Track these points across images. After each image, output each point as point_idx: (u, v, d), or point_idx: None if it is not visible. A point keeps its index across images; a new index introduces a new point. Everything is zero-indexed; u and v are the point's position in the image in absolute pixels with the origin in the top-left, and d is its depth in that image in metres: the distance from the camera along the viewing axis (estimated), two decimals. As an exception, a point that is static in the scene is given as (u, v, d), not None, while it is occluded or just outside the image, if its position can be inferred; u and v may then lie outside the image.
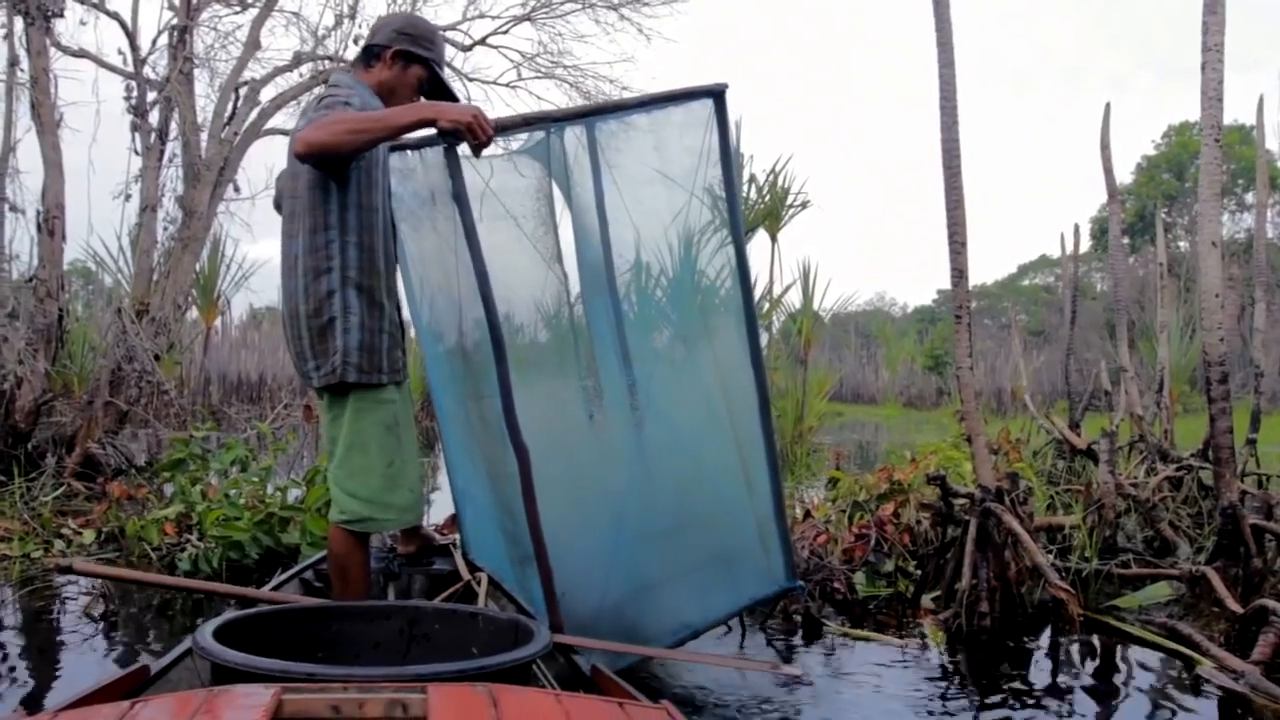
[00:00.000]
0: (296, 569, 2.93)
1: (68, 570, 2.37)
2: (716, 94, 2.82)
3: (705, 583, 2.92)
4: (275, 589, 2.64)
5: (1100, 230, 29.99)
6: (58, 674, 3.01)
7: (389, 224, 2.67)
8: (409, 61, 2.66)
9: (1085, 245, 30.36)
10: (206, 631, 1.72)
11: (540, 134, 2.83)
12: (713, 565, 2.94)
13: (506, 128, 2.50)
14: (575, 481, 2.79)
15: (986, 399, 21.74)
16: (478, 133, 2.32)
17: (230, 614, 1.92)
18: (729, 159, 2.86)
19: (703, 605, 2.91)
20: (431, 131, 2.40)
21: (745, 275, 2.93)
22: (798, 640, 3.41)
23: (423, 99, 2.73)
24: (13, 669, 3.05)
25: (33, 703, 2.65)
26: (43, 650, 3.27)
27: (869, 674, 3.05)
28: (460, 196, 2.39)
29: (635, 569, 2.75)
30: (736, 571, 3.01)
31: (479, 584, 2.72)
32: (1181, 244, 29.66)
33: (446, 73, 2.90)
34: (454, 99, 2.77)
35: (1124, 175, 35.82)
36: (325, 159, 2.37)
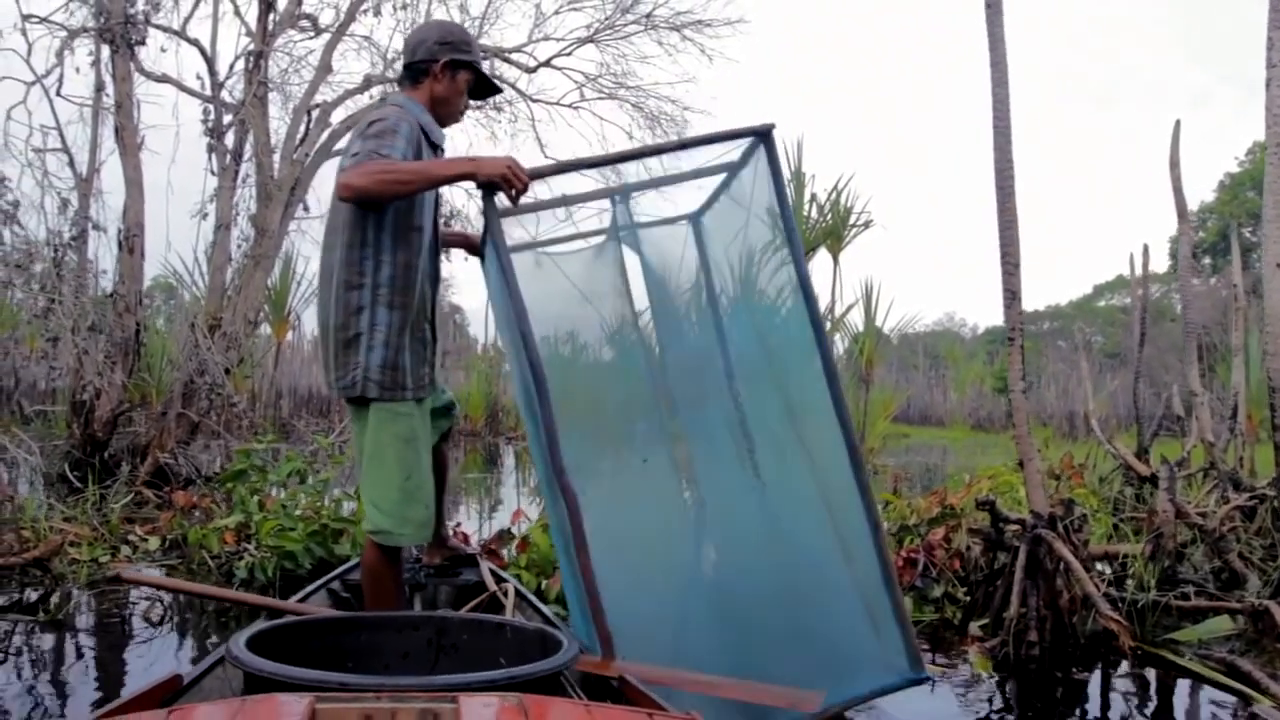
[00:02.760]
0: (324, 580, 2.99)
1: (116, 580, 2.45)
2: (763, 134, 2.60)
3: (805, 668, 2.46)
4: (303, 600, 2.70)
5: (1177, 250, 29.01)
6: (115, 674, 3.13)
7: (434, 243, 2.71)
8: (457, 69, 2.73)
9: (1164, 265, 29.42)
10: (239, 641, 1.76)
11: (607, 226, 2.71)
12: (812, 647, 2.51)
13: (540, 175, 2.49)
14: (647, 549, 2.59)
15: (1058, 422, 21.19)
16: (513, 182, 2.39)
17: (262, 624, 1.96)
18: (785, 202, 2.62)
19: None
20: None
21: (816, 319, 2.63)
22: None
23: (469, 99, 2.83)
24: (75, 668, 3.17)
25: (80, 706, 2.74)
26: (106, 651, 3.39)
27: (911, 701, 2.98)
28: (497, 244, 2.38)
29: (715, 648, 2.45)
30: (843, 656, 2.56)
31: (505, 594, 2.74)
32: (1268, 264, 28.50)
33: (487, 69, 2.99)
34: (498, 90, 2.93)
35: (1206, 193, 34.67)
36: (365, 202, 2.47)
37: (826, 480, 2.61)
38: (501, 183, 2.39)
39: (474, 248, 3.01)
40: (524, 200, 2.49)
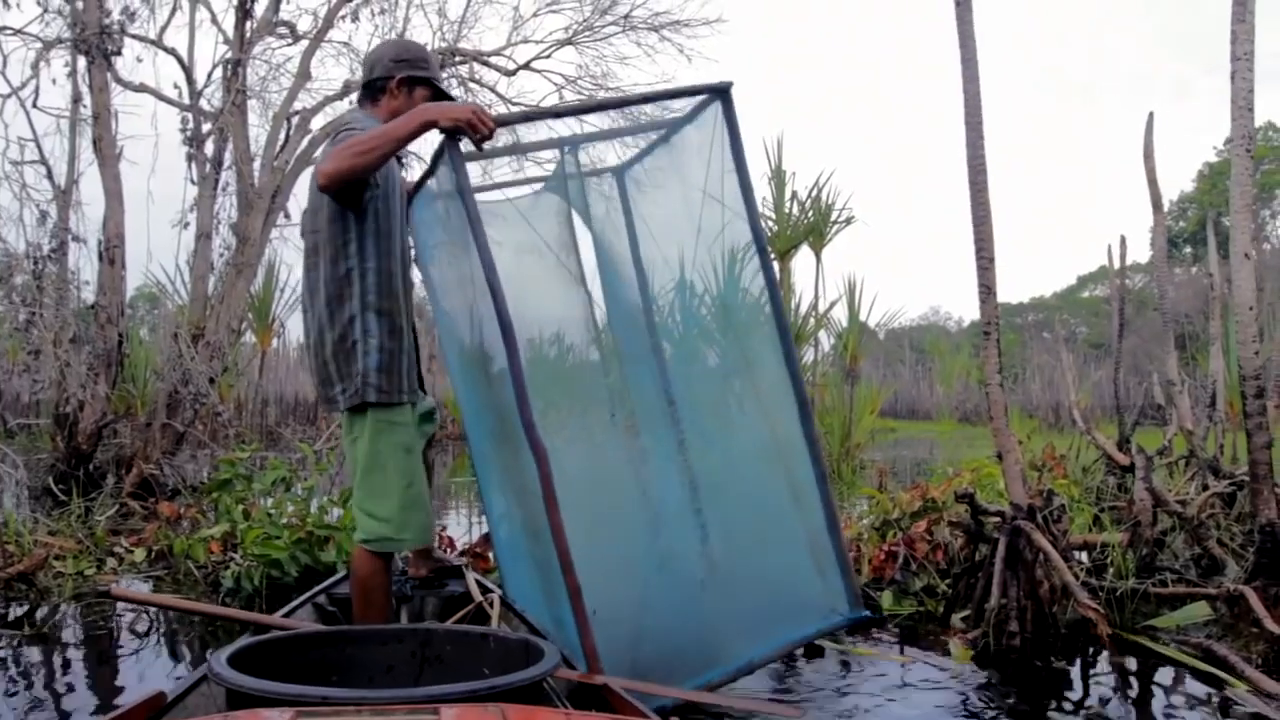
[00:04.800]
0: (309, 594, 2.99)
1: (106, 596, 2.47)
2: (722, 91, 2.71)
3: (757, 612, 2.73)
4: (288, 614, 2.71)
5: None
6: (103, 688, 3.13)
7: (407, 249, 2.78)
8: (413, 85, 2.78)
9: (1145, 255, 29.59)
10: (221, 658, 1.77)
11: (554, 167, 2.86)
12: (763, 592, 2.75)
13: (507, 122, 2.55)
14: (607, 502, 2.71)
15: (1044, 413, 21.32)
16: (478, 127, 2.40)
17: (245, 640, 1.97)
18: (742, 160, 2.75)
19: (757, 637, 2.70)
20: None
21: (770, 275, 2.80)
22: (800, 659, 3.36)
23: None
24: (62, 682, 3.17)
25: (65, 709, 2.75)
26: (90, 663, 3.39)
27: (891, 695, 3.02)
28: (463, 189, 2.39)
29: (675, 594, 2.64)
30: (791, 599, 2.81)
31: (491, 605, 2.76)
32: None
33: (446, 85, 3.03)
34: None
35: (1186, 183, 34.99)
36: (346, 185, 2.48)
37: (780, 434, 2.77)
38: (466, 128, 2.39)
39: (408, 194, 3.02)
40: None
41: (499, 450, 2.96)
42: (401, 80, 2.76)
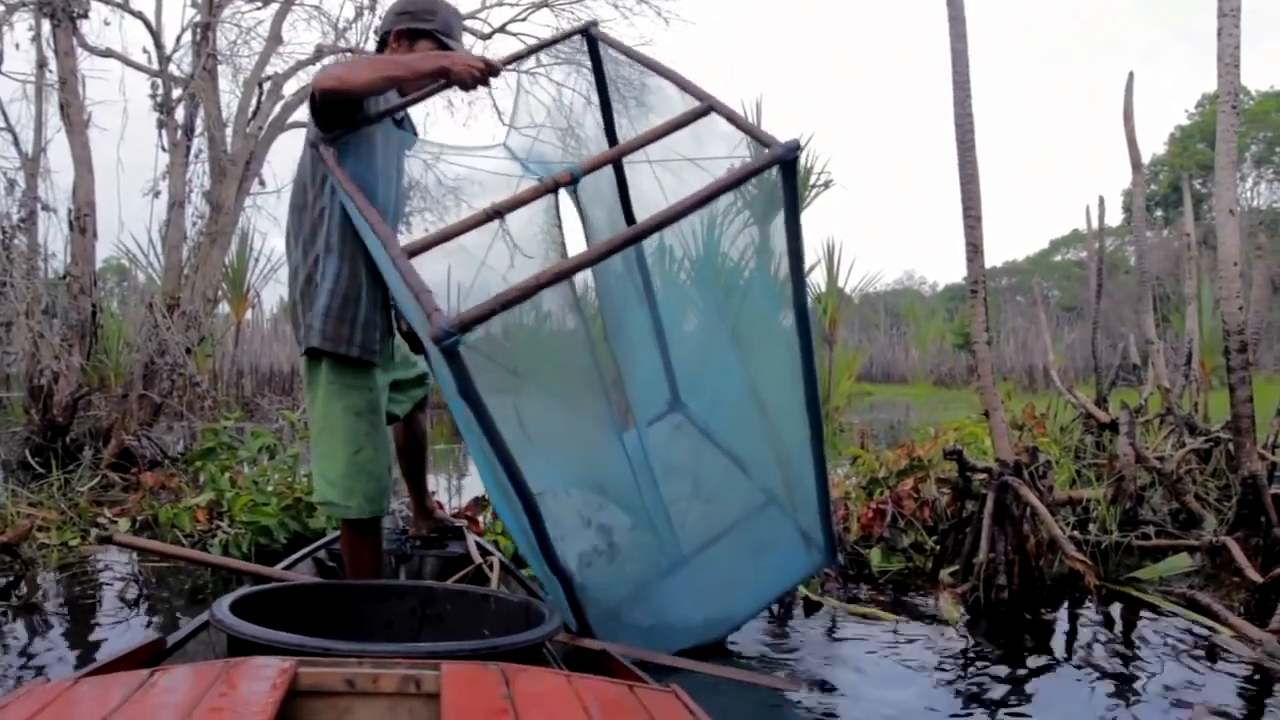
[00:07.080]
0: (309, 548, 2.99)
1: (108, 540, 2.46)
2: (785, 163, 2.23)
3: (741, 573, 2.79)
4: (288, 568, 2.71)
5: (1131, 204, 29.50)
6: (93, 654, 3.11)
7: (393, 199, 2.69)
8: (414, 38, 2.73)
9: (1117, 219, 29.85)
10: (224, 605, 1.77)
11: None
12: (749, 555, 2.81)
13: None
14: (592, 474, 2.63)
15: (1019, 375, 21.57)
16: (468, 83, 2.48)
17: (247, 589, 1.97)
18: (797, 228, 2.38)
19: (739, 597, 2.77)
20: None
21: (805, 325, 2.45)
22: (798, 614, 3.41)
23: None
24: (50, 648, 3.15)
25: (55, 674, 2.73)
26: (79, 631, 3.37)
27: (883, 648, 3.06)
28: (468, 394, 1.86)
29: (661, 559, 2.63)
30: (775, 558, 2.87)
31: (490, 567, 2.76)
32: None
33: (463, 41, 2.98)
34: None
35: (1157, 146, 35.25)
36: (346, 98, 2.40)
37: (779, 420, 2.68)
38: (470, 81, 2.45)
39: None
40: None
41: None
42: (400, 32, 2.72)
